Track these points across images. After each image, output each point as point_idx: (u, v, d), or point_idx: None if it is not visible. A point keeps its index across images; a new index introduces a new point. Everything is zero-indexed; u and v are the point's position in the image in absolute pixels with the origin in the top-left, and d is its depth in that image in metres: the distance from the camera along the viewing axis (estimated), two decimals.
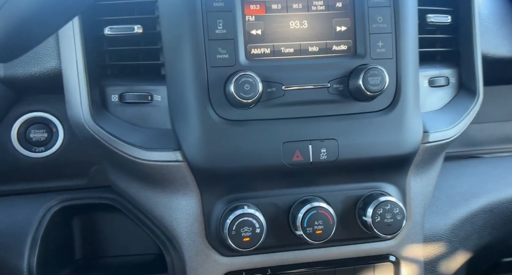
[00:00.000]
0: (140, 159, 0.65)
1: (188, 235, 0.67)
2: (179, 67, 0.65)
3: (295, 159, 0.65)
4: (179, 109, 0.66)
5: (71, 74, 0.66)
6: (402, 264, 0.74)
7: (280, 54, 0.67)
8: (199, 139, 0.64)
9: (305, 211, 0.65)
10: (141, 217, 0.72)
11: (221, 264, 0.68)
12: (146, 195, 0.70)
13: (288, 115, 0.66)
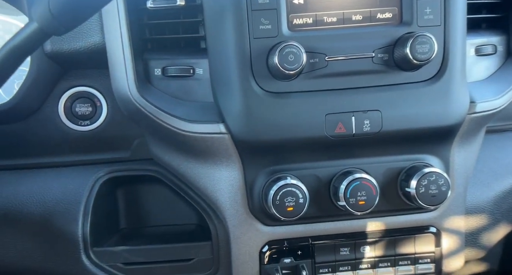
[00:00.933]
0: (185, 131, 0.65)
1: (231, 205, 0.68)
2: (221, 40, 0.64)
3: (338, 130, 0.64)
4: (222, 82, 0.65)
5: (116, 48, 0.66)
6: (443, 236, 0.73)
7: (322, 24, 0.65)
8: (242, 111, 0.63)
9: (348, 182, 0.64)
10: (184, 188, 0.73)
11: (263, 233, 0.69)
12: (189, 167, 0.71)
13: (331, 86, 0.65)
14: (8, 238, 0.69)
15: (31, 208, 0.69)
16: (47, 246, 0.70)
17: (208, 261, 0.72)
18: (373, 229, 0.71)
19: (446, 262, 0.74)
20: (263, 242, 0.69)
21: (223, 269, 0.71)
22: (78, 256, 0.69)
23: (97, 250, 0.71)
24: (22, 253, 0.70)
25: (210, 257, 0.71)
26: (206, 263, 0.72)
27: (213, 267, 0.72)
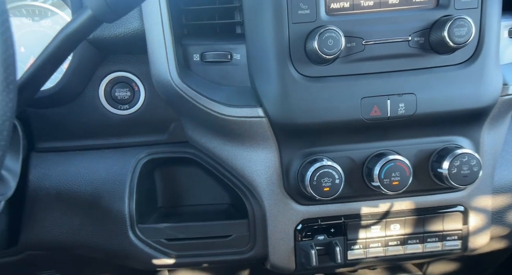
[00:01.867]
0: (224, 115, 0.67)
1: (268, 186, 0.70)
2: (260, 26, 0.64)
3: (373, 113, 0.65)
4: (259, 67, 0.66)
5: (157, 34, 0.66)
6: (470, 214, 0.75)
7: (359, 8, 0.64)
8: (280, 95, 0.64)
9: (383, 163, 0.65)
10: (221, 169, 0.75)
11: (298, 212, 0.71)
12: (226, 149, 0.73)
13: (367, 70, 0.65)
14: (61, 216, 0.73)
15: (80, 187, 0.72)
16: (96, 223, 0.73)
17: (244, 238, 0.74)
18: (403, 208, 0.73)
19: (472, 239, 0.76)
20: (298, 220, 0.71)
21: (259, 245, 0.74)
22: (125, 232, 0.72)
23: (142, 226, 0.74)
24: (74, 229, 0.73)
25: (247, 234, 0.74)
26: (243, 239, 0.74)
27: (249, 243, 0.74)
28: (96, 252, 0.76)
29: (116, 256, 0.75)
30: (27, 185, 0.71)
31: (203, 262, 0.75)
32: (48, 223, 0.72)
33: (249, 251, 0.74)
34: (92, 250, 0.76)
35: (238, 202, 0.78)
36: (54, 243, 0.74)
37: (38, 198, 0.70)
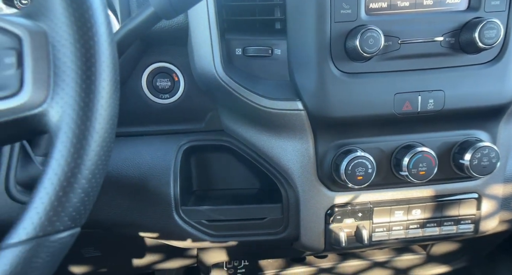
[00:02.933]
0: (265, 107, 0.69)
1: (302, 173, 0.74)
2: (303, 24, 0.66)
3: (405, 108, 0.68)
4: (300, 63, 0.68)
5: (203, 28, 0.68)
6: (483, 200, 0.80)
7: (396, 8, 0.67)
8: (319, 90, 0.67)
9: (412, 154, 0.69)
10: (256, 157, 0.78)
11: (330, 198, 0.75)
12: (263, 139, 0.76)
13: (401, 67, 0.68)
14: (112, 198, 0.76)
15: (128, 171, 0.75)
16: (144, 205, 0.76)
17: (278, 220, 0.78)
18: (425, 195, 0.77)
19: (483, 223, 0.81)
20: (329, 205, 0.75)
21: (291, 227, 0.78)
22: (170, 213, 0.76)
23: (185, 208, 0.77)
24: (123, 210, 0.76)
25: (280, 217, 0.78)
26: (276, 221, 0.78)
27: (282, 225, 0.78)
28: (142, 231, 0.80)
29: (161, 235, 0.79)
30: None
31: (239, 242, 0.80)
32: (102, 204, 0.75)
33: (281, 232, 0.79)
34: (139, 229, 0.79)
35: (268, 187, 0.82)
36: (105, 223, 0.77)
37: None
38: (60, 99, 0.33)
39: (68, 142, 0.33)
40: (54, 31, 0.33)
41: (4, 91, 0.32)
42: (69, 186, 0.33)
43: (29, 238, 0.31)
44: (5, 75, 0.32)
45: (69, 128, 0.33)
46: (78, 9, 0.32)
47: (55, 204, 0.32)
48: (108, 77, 0.34)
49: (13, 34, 0.32)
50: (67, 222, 0.33)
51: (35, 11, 0.33)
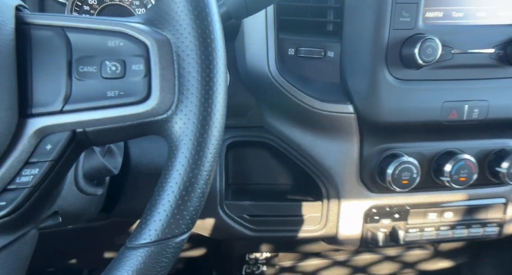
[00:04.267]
0: (316, 109, 0.69)
1: (345, 175, 0.74)
2: (360, 28, 0.65)
3: (451, 117, 0.69)
4: (354, 67, 0.68)
5: (260, 25, 0.67)
6: (509, 205, 0.81)
7: (450, 18, 0.66)
8: (372, 95, 0.67)
9: (455, 161, 0.70)
10: (297, 155, 0.78)
11: (369, 199, 0.76)
12: (306, 139, 0.75)
13: (450, 76, 0.68)
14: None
15: None
16: None
17: (317, 218, 0.79)
18: (458, 198, 0.78)
19: (507, 226, 0.83)
20: (369, 206, 0.76)
21: (330, 224, 0.78)
22: (214, 207, 0.75)
23: (228, 203, 0.77)
24: None
25: (319, 215, 0.78)
26: (315, 219, 0.79)
27: (321, 222, 0.79)
28: None
29: (203, 227, 0.78)
30: (129, 160, 0.72)
31: (277, 237, 0.80)
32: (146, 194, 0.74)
33: (320, 229, 0.79)
34: None
35: (303, 184, 0.82)
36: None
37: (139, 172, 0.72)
38: (184, 108, 0.32)
39: (189, 152, 0.33)
40: (179, 41, 0.32)
41: (132, 97, 0.32)
42: (187, 195, 0.33)
43: (156, 240, 0.32)
44: (133, 81, 0.32)
45: (191, 138, 0.33)
46: (203, 22, 0.32)
47: (175, 211, 0.33)
48: (223, 90, 0.34)
49: (140, 42, 0.32)
50: (184, 228, 0.33)
51: (159, 20, 0.33)
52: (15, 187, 0.30)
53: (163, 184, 0.33)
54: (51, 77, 0.30)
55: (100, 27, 0.32)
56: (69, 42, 0.31)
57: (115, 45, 0.32)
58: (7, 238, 0.31)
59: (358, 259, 1.25)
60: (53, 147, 0.30)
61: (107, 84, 0.31)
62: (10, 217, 0.30)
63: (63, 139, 0.30)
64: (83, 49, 0.31)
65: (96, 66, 0.31)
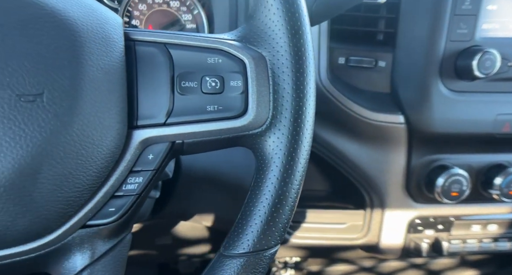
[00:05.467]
0: (366, 118, 0.67)
1: (390, 184, 0.72)
2: (415, 38, 0.64)
3: (504, 129, 0.66)
4: (406, 77, 0.66)
5: (312, 34, 0.65)
6: None
7: (506, 30, 0.64)
8: (424, 105, 0.65)
9: (506, 175, 0.68)
10: (340, 163, 0.77)
11: (414, 209, 0.74)
12: (352, 147, 0.74)
13: (505, 89, 0.66)
14: (206, 192, 0.74)
15: (224, 168, 0.73)
16: (235, 201, 0.75)
17: (359, 226, 0.77)
18: (503, 211, 0.76)
19: None
20: (413, 216, 0.74)
21: (372, 233, 0.77)
22: None
23: None
24: (214, 204, 0.75)
25: (361, 223, 0.77)
26: (357, 227, 0.77)
27: (362, 230, 0.77)
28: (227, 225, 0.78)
29: None
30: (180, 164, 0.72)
31: (318, 244, 0.78)
32: (196, 197, 0.73)
33: (361, 238, 0.77)
34: (227, 224, 0.78)
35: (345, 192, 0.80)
36: (194, 215, 0.76)
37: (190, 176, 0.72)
38: (278, 123, 0.33)
39: (282, 166, 0.33)
40: (274, 58, 0.33)
41: (230, 112, 0.33)
42: (281, 207, 0.33)
43: (253, 251, 0.33)
44: (231, 96, 0.32)
45: (285, 152, 0.33)
46: (299, 40, 0.33)
47: (270, 223, 0.33)
48: (314, 105, 0.34)
49: (238, 59, 0.33)
50: (278, 239, 0.33)
51: (255, 38, 0.33)
52: (122, 194, 0.30)
53: (258, 196, 0.33)
54: (155, 91, 0.31)
55: (200, 44, 0.33)
56: (171, 58, 0.31)
57: (214, 62, 0.32)
58: (112, 242, 0.32)
59: (385, 265, 1.23)
60: (154, 157, 0.31)
61: (207, 99, 0.32)
62: (117, 222, 0.31)
63: (163, 149, 0.31)
64: (184, 65, 0.32)
65: (197, 81, 0.32)
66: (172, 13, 0.84)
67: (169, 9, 0.83)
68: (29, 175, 0.25)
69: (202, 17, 0.81)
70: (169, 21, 0.84)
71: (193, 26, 0.84)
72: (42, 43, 0.26)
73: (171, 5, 0.82)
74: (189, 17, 0.85)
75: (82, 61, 0.27)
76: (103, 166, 0.28)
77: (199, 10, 0.82)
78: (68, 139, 0.26)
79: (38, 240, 0.28)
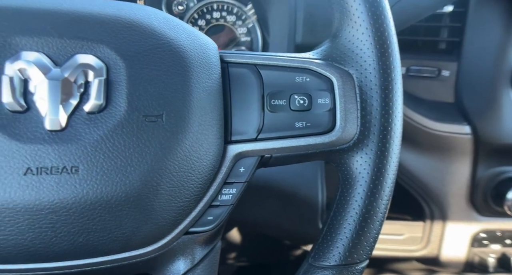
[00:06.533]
0: (428, 128, 0.65)
1: (453, 196, 0.69)
2: (485, 47, 0.60)
3: None
4: (473, 86, 0.63)
5: None
6: None
7: None
8: (493, 115, 0.62)
9: None
10: (399, 173, 0.74)
11: (479, 222, 0.70)
12: (410, 157, 0.71)
13: None
14: (262, 200, 0.75)
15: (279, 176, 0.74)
16: (291, 210, 0.75)
17: (417, 238, 0.74)
18: None
19: None
20: (477, 230, 0.70)
21: (431, 246, 0.74)
22: (316, 220, 0.73)
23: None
24: (270, 213, 0.75)
25: (420, 235, 0.74)
26: (416, 239, 0.74)
27: (421, 242, 0.74)
28: (284, 234, 0.78)
29: (301, 239, 0.77)
30: None
31: (376, 255, 0.76)
32: (251, 205, 0.74)
33: (419, 250, 0.74)
34: (281, 232, 0.78)
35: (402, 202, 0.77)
36: (250, 222, 0.77)
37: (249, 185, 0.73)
38: (366, 139, 0.33)
39: (372, 181, 0.33)
40: (362, 76, 0.33)
41: (318, 128, 0.33)
42: (370, 223, 0.32)
43: (344, 264, 0.33)
44: (319, 113, 0.33)
45: (374, 168, 0.33)
46: (388, 58, 0.33)
47: (362, 238, 0.33)
48: (401, 124, 0.34)
49: (325, 78, 0.34)
50: (368, 254, 0.34)
51: (342, 57, 0.34)
52: (218, 204, 0.32)
53: (346, 209, 0.33)
54: (246, 109, 0.33)
55: (288, 64, 0.34)
56: (261, 78, 0.33)
57: (302, 80, 0.33)
58: (208, 248, 0.34)
59: None
60: (245, 170, 0.33)
61: (295, 116, 0.33)
62: (215, 230, 0.32)
63: (253, 163, 0.33)
64: (273, 84, 0.33)
65: (286, 99, 0.33)
66: (228, 28, 0.86)
67: (226, 23, 0.85)
68: (152, 186, 0.28)
69: (257, 31, 0.83)
70: (226, 35, 0.86)
71: (248, 39, 0.85)
72: (161, 69, 0.28)
73: (227, 19, 0.84)
74: (244, 30, 0.87)
75: (191, 84, 0.29)
76: (206, 178, 0.30)
77: (254, 24, 0.83)
78: (182, 154, 0.28)
79: (153, 244, 0.30)
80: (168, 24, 0.30)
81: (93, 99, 0.27)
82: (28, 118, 0.26)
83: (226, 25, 0.85)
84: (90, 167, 0.26)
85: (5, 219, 0.25)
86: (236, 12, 0.82)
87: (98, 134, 0.26)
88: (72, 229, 0.26)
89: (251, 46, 0.85)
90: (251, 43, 0.83)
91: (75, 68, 0.27)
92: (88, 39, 0.27)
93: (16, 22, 0.27)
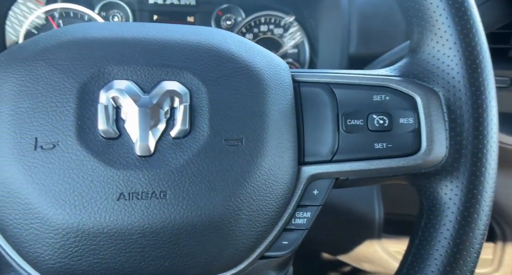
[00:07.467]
0: (501, 143, 0.59)
1: None
2: None
3: None
4: None
5: None
6: None
7: None
8: None
9: None
10: None
11: None
12: None
13: None
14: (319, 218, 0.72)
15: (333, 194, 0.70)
16: (347, 227, 0.71)
17: (487, 260, 0.68)
18: None
19: None
20: None
21: (504, 269, 0.67)
22: (372, 239, 0.69)
23: (385, 235, 0.70)
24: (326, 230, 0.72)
25: (491, 257, 0.67)
26: (485, 261, 0.68)
27: (492, 265, 0.68)
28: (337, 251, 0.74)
29: (355, 257, 0.73)
30: None
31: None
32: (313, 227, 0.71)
33: (491, 273, 0.68)
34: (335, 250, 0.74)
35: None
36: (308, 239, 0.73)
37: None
38: (457, 161, 0.29)
39: (465, 208, 0.29)
40: (450, 94, 0.30)
41: (400, 150, 0.30)
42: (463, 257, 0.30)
43: None
44: (401, 134, 0.30)
45: (466, 194, 0.29)
46: (481, 75, 0.30)
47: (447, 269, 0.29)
48: (497, 146, 0.30)
49: (407, 96, 0.31)
50: None
51: (425, 74, 0.31)
52: (293, 227, 0.31)
53: (436, 238, 0.30)
54: (320, 129, 0.31)
55: (364, 82, 0.32)
56: (335, 97, 0.31)
57: (381, 99, 0.31)
58: (281, 273, 0.32)
59: None
60: (319, 192, 0.31)
61: (374, 137, 0.31)
62: (289, 254, 0.31)
63: (327, 185, 0.31)
64: (349, 103, 0.31)
65: (363, 119, 0.31)
66: (275, 40, 0.85)
67: (273, 36, 0.84)
68: (233, 211, 0.27)
69: (304, 43, 0.81)
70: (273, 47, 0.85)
71: (295, 51, 0.83)
72: (239, 93, 0.28)
73: (274, 32, 0.83)
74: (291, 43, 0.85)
75: (268, 107, 0.28)
76: (283, 202, 0.29)
77: (301, 36, 0.81)
78: (261, 178, 0.27)
79: (232, 269, 0.29)
80: (244, 47, 0.29)
81: (179, 124, 0.26)
82: (120, 144, 0.26)
83: (274, 38, 0.84)
84: (177, 192, 0.26)
85: (100, 243, 0.25)
86: (283, 25, 0.81)
87: (183, 159, 0.26)
88: (159, 253, 0.26)
89: (298, 58, 0.83)
90: (298, 55, 0.82)
91: (162, 95, 0.27)
92: (172, 66, 0.27)
93: (109, 52, 0.27)
